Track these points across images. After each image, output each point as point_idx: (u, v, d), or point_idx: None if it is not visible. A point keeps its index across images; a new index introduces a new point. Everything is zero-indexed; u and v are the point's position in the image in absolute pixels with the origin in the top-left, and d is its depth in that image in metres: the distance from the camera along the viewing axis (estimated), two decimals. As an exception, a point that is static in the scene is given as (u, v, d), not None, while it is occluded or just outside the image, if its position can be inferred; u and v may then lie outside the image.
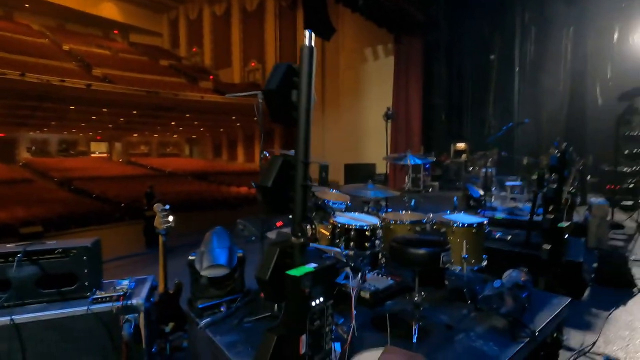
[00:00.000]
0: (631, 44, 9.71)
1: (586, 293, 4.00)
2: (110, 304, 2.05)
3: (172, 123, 29.46)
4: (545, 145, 10.30)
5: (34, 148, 30.87)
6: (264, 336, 1.50)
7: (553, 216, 3.21)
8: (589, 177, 8.72)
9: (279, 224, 5.25)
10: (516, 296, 2.36)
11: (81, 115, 24.53)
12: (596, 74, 9.73)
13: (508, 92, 11.35)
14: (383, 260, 2.79)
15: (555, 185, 3.15)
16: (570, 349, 2.88)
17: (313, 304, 1.40)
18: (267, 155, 2.80)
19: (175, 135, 37.86)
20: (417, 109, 12.68)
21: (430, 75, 12.87)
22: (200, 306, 2.56)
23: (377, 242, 2.56)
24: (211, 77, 29.06)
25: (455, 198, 3.20)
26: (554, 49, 10.22)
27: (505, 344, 2.19)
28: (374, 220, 2.63)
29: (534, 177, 8.07)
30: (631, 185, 6.93)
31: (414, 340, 2.14)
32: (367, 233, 2.47)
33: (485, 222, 2.82)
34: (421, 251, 2.08)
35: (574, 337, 3.06)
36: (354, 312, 1.43)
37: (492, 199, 7.78)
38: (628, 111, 7.00)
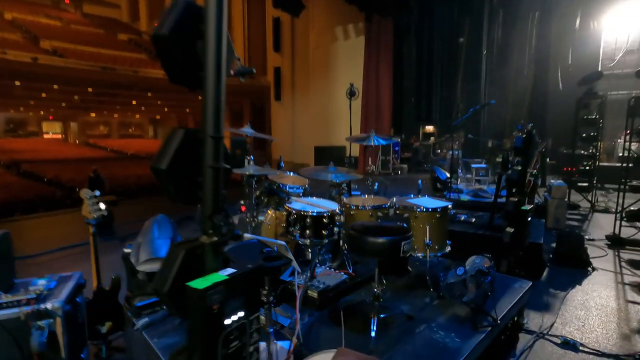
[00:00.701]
0: (592, 29, 9.96)
1: (544, 274, 4.07)
2: (17, 310, 1.73)
3: (133, 102, 27.76)
4: (509, 128, 10.52)
5: (-25, 128, 28.21)
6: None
7: (517, 199, 3.15)
8: (547, 159, 9.02)
9: (243, 208, 4.97)
10: (479, 283, 2.25)
11: (29, 92, 22.43)
12: (558, 58, 9.93)
13: (476, 75, 11.42)
14: (345, 249, 2.62)
15: (519, 168, 3.07)
16: (529, 332, 2.87)
17: (228, 321, 1.07)
18: (248, 134, 2.48)
19: (137, 116, 35.75)
20: (387, 91, 12.54)
21: (400, 57, 12.72)
22: (138, 304, 2.27)
23: (336, 229, 2.37)
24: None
25: (419, 181, 3.05)
26: (520, 33, 10.31)
27: (468, 335, 2.08)
28: (333, 205, 2.43)
29: (499, 159, 8.23)
30: (587, 167, 7.17)
31: (372, 334, 1.98)
32: (324, 220, 2.26)
33: (449, 207, 2.69)
34: (380, 240, 1.89)
35: (532, 319, 3.06)
36: (298, 315, 1.22)
37: (458, 181, 7.85)
38: (587, 95, 7.17)
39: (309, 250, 2.38)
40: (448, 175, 6.48)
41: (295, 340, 1.28)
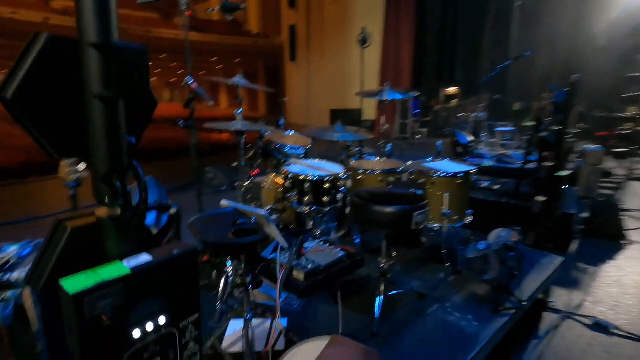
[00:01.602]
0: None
1: (574, 246, 3.72)
2: (-25, 280, 1.55)
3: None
4: (538, 90, 9.65)
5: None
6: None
7: (551, 164, 2.75)
8: (581, 123, 8.27)
9: (254, 172, 4.74)
10: (504, 260, 1.95)
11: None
12: (602, 9, 8.83)
13: (506, 31, 10.38)
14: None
15: (557, 128, 2.64)
16: (555, 311, 2.58)
17: (137, 334, 0.75)
18: (191, 84, 2.17)
19: (153, 79, 35.53)
20: (408, 50, 11.68)
21: (423, 12, 11.67)
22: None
23: (339, 196, 2.08)
24: (189, 12, 26.43)
25: (439, 143, 2.68)
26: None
27: (487, 318, 1.82)
28: (337, 169, 2.12)
29: (526, 123, 7.59)
30: (627, 131, 6.50)
31: (377, 315, 1.73)
32: (325, 185, 1.97)
33: (472, 171, 2.34)
34: (388, 210, 1.59)
35: (559, 297, 2.77)
36: (278, 302, 0.97)
37: (481, 146, 7.35)
38: (635, 49, 6.34)
39: (311, 219, 2.12)
40: (470, 138, 6.00)
41: (275, 327, 1.05)
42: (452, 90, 12.99)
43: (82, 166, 2.25)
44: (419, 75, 12.31)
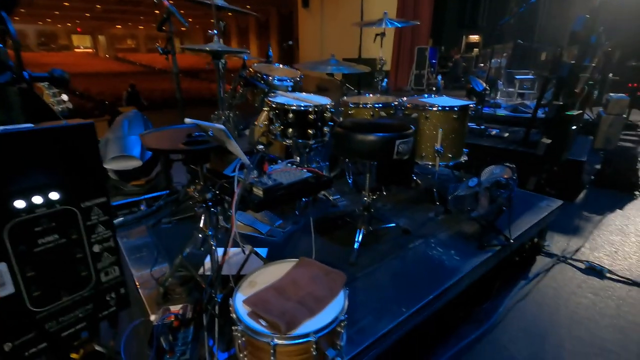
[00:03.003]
0: None
1: (581, 195, 3.58)
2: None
3: (157, 12, 26.45)
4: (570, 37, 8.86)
5: (9, 41, 28.48)
6: None
7: (561, 103, 2.54)
8: (610, 74, 7.63)
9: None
10: (494, 197, 1.87)
11: (50, 2, 21.79)
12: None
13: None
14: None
15: (572, 62, 2.40)
16: (549, 255, 2.54)
17: (20, 205, 0.71)
18: (164, 1, 2.01)
19: (164, 28, 34.41)
20: (428, -9, 10.76)
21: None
22: (113, 204, 2.13)
23: (326, 129, 1.99)
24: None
25: (439, 77, 2.50)
26: None
27: (471, 253, 1.78)
28: (324, 100, 2.01)
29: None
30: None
31: (356, 246, 1.72)
32: (310, 116, 1.88)
33: (470, 106, 2.18)
34: (369, 137, 1.51)
35: (556, 242, 2.71)
36: (234, 214, 0.94)
37: (498, 95, 6.96)
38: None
39: (298, 153, 2.05)
40: (485, 85, 5.66)
41: (224, 255, 1.03)
42: (474, 38, 12.13)
43: (65, 96, 2.22)
44: (439, 22, 11.47)
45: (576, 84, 2.52)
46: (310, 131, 1.92)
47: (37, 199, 0.73)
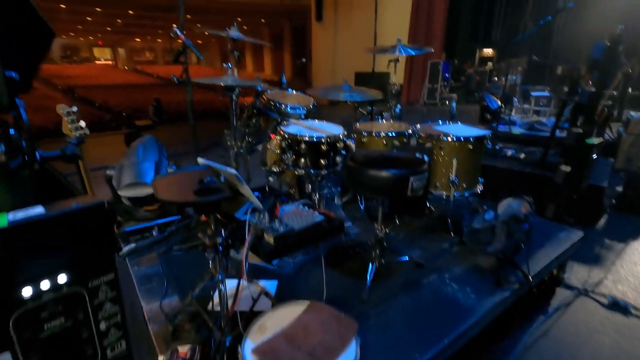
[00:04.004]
0: None
1: (602, 221, 3.45)
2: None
3: (174, 25, 27.26)
4: (587, 51, 8.71)
5: (35, 54, 29.75)
6: None
7: (581, 130, 2.47)
8: (629, 89, 7.44)
9: (273, 135, 4.69)
10: (511, 232, 1.81)
11: (74, 16, 22.69)
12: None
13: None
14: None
15: (592, 89, 2.34)
16: (570, 287, 2.44)
17: (27, 293, 0.69)
18: (178, 33, 2.05)
19: (179, 40, 35.33)
20: (442, 7, 10.79)
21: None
22: (125, 230, 2.15)
23: (339, 159, 1.97)
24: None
25: (453, 104, 2.47)
26: None
27: (487, 291, 1.72)
28: (336, 130, 2.00)
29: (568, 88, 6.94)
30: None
31: (368, 282, 1.68)
32: (323, 147, 1.86)
33: (487, 136, 2.14)
34: (383, 174, 1.48)
35: (576, 272, 2.60)
36: (244, 267, 0.92)
37: (513, 112, 6.86)
38: None
39: (309, 182, 2.04)
40: (500, 103, 5.59)
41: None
42: (487, 52, 12.06)
43: (83, 123, 2.26)
44: (453, 35, 11.46)
45: (596, 111, 2.45)
46: (322, 161, 1.90)
47: (45, 284, 0.73)
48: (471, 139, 2.06)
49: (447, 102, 10.80)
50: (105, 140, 8.86)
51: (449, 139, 2.06)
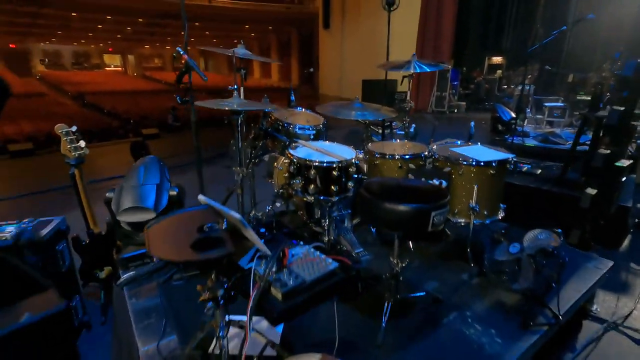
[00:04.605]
0: None
1: (626, 242, 3.27)
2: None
3: (182, 33, 27.58)
4: (599, 58, 8.48)
5: (47, 60, 30.21)
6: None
7: (609, 150, 2.32)
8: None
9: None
10: (539, 268, 1.66)
11: (86, 24, 23.05)
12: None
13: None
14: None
15: (622, 108, 2.18)
16: (598, 320, 2.26)
17: None
18: (182, 53, 1.95)
19: (188, 48, 35.64)
20: (450, 14, 10.67)
21: (469, -31, 10.54)
22: (124, 256, 2.03)
23: (351, 184, 1.84)
24: (220, -23, 25.88)
25: (472, 124, 2.33)
26: None
27: (514, 335, 1.56)
28: (348, 153, 1.87)
29: (581, 96, 6.75)
30: None
31: (383, 323, 1.54)
32: (334, 172, 1.74)
33: (510, 160, 1.99)
34: (400, 208, 1.35)
35: (604, 302, 2.42)
36: (249, 330, 0.79)
37: (525, 123, 6.68)
38: None
39: (319, 209, 1.91)
40: (513, 115, 5.43)
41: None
42: (497, 59, 11.90)
43: (82, 143, 2.17)
44: (461, 42, 11.31)
45: (627, 130, 2.30)
46: (333, 187, 1.77)
47: None
48: (493, 163, 1.91)
49: (456, 110, 10.64)
50: (111, 149, 8.86)
51: (469, 163, 1.92)
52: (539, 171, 3.92)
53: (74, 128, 2.07)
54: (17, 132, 10.84)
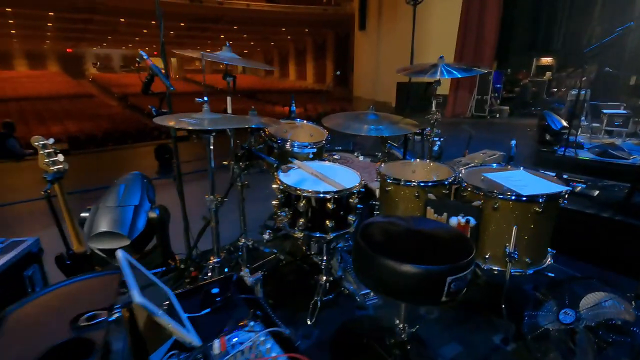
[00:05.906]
0: None
1: None
2: None
3: (222, 36, 28.30)
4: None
5: (98, 64, 32.38)
6: None
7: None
8: None
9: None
10: (602, 345, 1.21)
11: (133, 29, 24.39)
12: None
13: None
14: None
15: None
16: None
17: None
18: (145, 57, 1.68)
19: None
20: (494, 14, 9.86)
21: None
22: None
23: (352, 218, 1.48)
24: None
25: (512, 144, 1.88)
26: None
27: None
28: (351, 179, 1.50)
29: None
30: None
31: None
32: (329, 205, 1.38)
33: (564, 193, 1.54)
34: (405, 269, 0.98)
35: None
36: None
37: (579, 132, 5.90)
38: None
39: (310, 252, 1.57)
40: (564, 123, 4.77)
41: None
42: (546, 60, 10.90)
43: (61, 156, 1.98)
44: (506, 42, 10.44)
45: None
46: (328, 223, 1.43)
47: None
48: (540, 198, 1.46)
49: (498, 115, 9.81)
50: (138, 152, 8.99)
51: (507, 197, 1.49)
52: (596, 192, 3.30)
53: (51, 140, 1.88)
54: (62, 132, 11.46)
